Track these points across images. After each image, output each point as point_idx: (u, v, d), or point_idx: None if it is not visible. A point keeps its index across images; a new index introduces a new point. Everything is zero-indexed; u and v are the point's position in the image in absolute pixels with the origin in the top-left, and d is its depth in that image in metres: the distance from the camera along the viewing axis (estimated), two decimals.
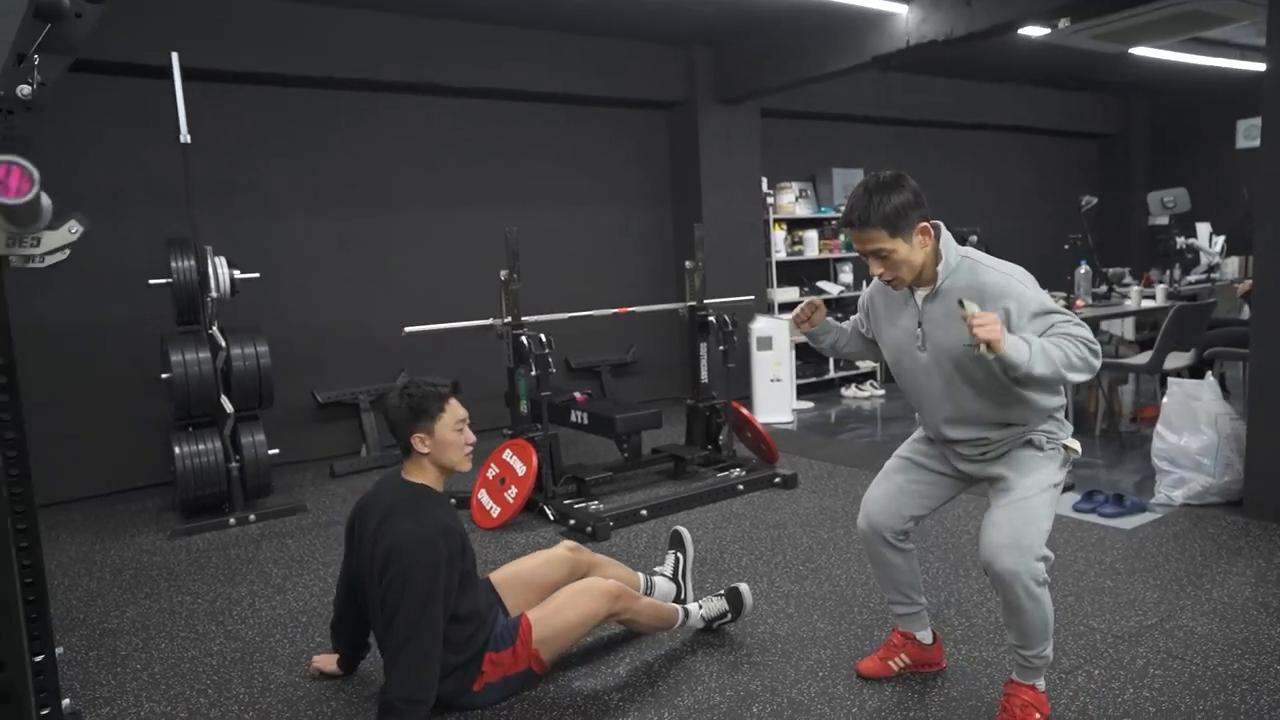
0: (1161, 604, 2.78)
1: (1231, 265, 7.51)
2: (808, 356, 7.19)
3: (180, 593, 3.31)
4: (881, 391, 6.98)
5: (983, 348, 1.78)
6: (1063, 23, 4.32)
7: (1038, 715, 2.06)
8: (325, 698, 2.43)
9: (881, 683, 2.37)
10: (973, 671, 2.40)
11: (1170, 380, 3.95)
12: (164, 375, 4.16)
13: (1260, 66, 7.41)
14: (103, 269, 4.64)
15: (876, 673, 2.39)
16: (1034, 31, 5.38)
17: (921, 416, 2.24)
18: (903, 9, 4.81)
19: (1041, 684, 2.11)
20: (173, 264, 4.13)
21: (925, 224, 1.97)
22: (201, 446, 4.17)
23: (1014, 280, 1.97)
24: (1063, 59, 7.13)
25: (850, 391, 7.05)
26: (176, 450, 4.10)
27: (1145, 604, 2.79)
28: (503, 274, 4.11)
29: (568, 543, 2.64)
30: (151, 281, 4.16)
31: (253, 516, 4.21)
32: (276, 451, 4.39)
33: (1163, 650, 2.47)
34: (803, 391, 6.85)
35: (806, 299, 2.38)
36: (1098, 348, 1.88)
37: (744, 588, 2.70)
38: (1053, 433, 2.08)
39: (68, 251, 1.50)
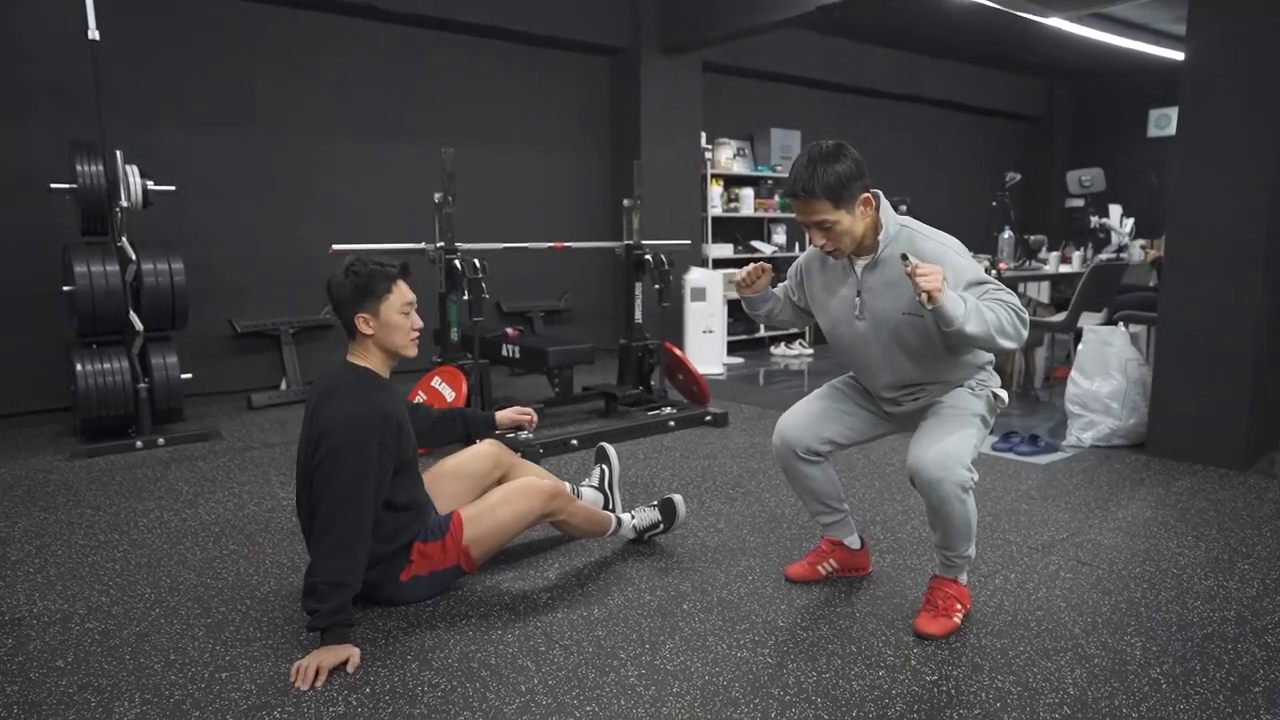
0: (1072, 522, 2.91)
1: (1137, 247, 7.90)
2: (739, 314, 7.25)
3: (80, 506, 3.11)
4: (810, 351, 7.10)
5: (924, 297, 1.80)
6: None
7: (959, 605, 2.13)
8: (239, 596, 2.33)
9: (810, 584, 2.40)
10: (897, 576, 2.46)
11: (1086, 329, 4.12)
12: (66, 288, 3.90)
13: (1173, 54, 7.80)
14: None
15: (805, 576, 2.42)
16: None
17: (862, 380, 2.27)
18: None
19: (964, 579, 2.18)
20: (78, 168, 3.85)
21: (867, 194, 1.98)
22: (107, 365, 3.92)
23: (949, 250, 2.00)
24: (991, 33, 7.32)
25: (780, 350, 7.15)
26: (79, 367, 3.86)
27: (1057, 522, 2.91)
28: (437, 196, 3.98)
29: (491, 440, 2.58)
30: (54, 185, 3.87)
31: (161, 440, 3.99)
32: (189, 377, 4.18)
33: (1072, 558, 2.58)
34: (733, 348, 6.90)
35: (755, 263, 2.29)
36: (1026, 317, 1.92)
37: (677, 498, 2.70)
38: (984, 380, 2.15)
39: None
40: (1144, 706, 1.77)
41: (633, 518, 2.66)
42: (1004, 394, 2.14)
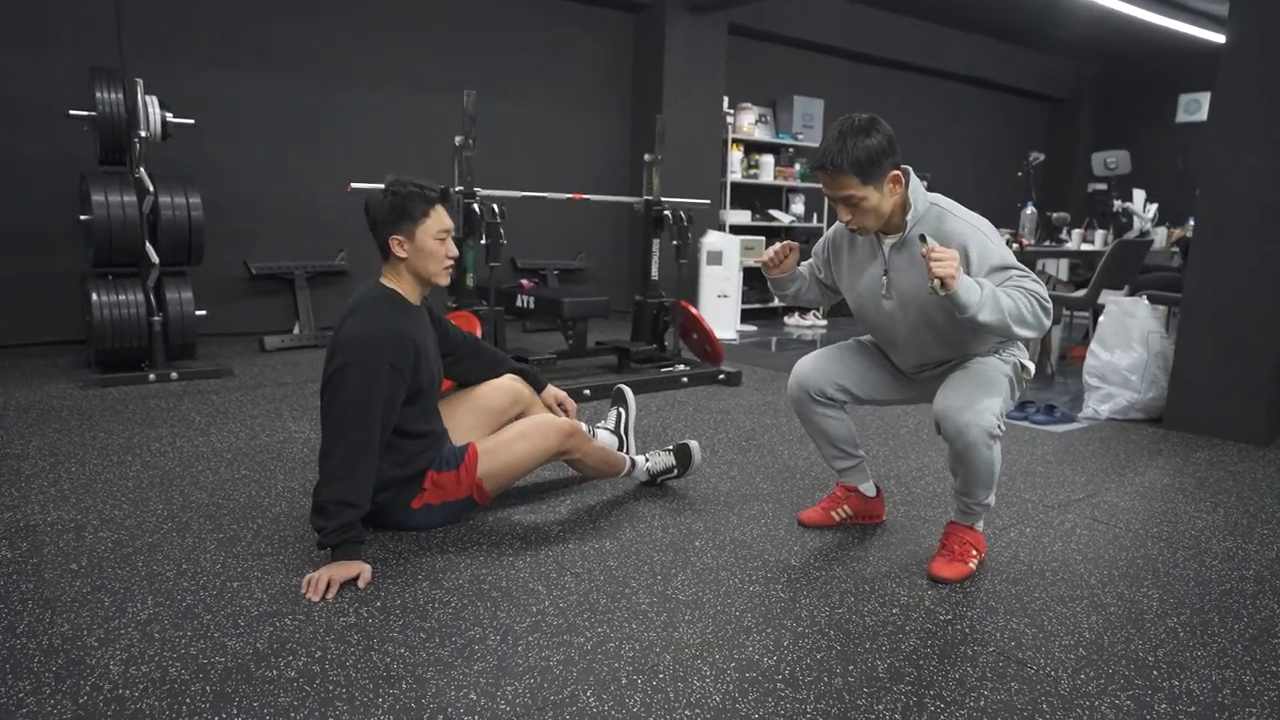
0: (1088, 485, 2.88)
1: (1161, 233, 7.81)
2: (754, 281, 7.20)
3: (93, 430, 3.11)
4: (824, 323, 7.05)
5: (936, 284, 1.76)
6: None
7: (975, 552, 2.11)
8: (251, 515, 2.32)
9: (824, 529, 2.38)
10: (912, 526, 2.44)
11: (1108, 301, 4.07)
12: (83, 217, 3.88)
13: (1209, 35, 7.65)
14: (16, 99, 4.28)
15: (818, 521, 2.40)
16: None
17: (888, 357, 2.25)
18: None
19: (981, 526, 2.16)
20: (97, 95, 3.82)
21: (896, 172, 1.93)
22: (122, 297, 3.92)
23: (978, 230, 1.96)
24: (1022, 6, 7.18)
25: (794, 319, 7.10)
26: (94, 298, 3.85)
27: (1073, 484, 2.88)
28: (457, 139, 3.94)
29: (514, 376, 2.56)
30: (72, 112, 3.85)
31: (174, 375, 3.99)
32: (204, 313, 4.18)
33: (1088, 517, 2.56)
34: (746, 316, 6.86)
35: (782, 243, 2.22)
36: (1049, 306, 1.88)
37: (694, 444, 2.68)
38: (1011, 351, 2.10)
39: None
40: (1160, 651, 1.75)
41: (646, 460, 2.64)
42: (1031, 365, 2.10)
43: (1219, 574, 2.16)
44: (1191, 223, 5.29)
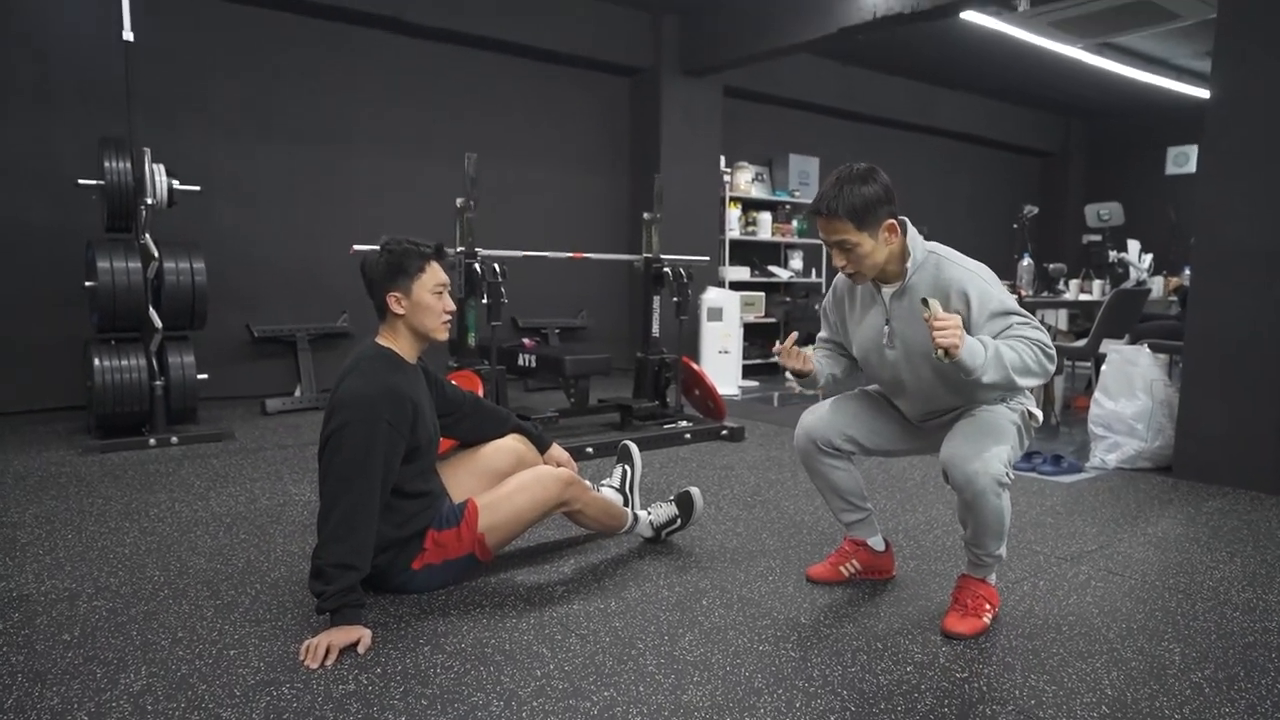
0: (1100, 536, 2.83)
1: (1158, 283, 7.86)
2: (754, 337, 7.22)
3: (91, 496, 3.08)
4: None
5: (940, 353, 1.78)
6: (1023, 4, 4.44)
7: (988, 606, 2.06)
8: (249, 580, 2.28)
9: (832, 586, 2.33)
10: (923, 580, 2.39)
11: (1110, 349, 4.07)
12: (88, 283, 3.91)
13: (1194, 90, 7.83)
14: (26, 168, 4.37)
15: (826, 577, 2.35)
16: (991, 22, 5.54)
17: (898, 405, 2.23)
18: None
19: (993, 579, 2.11)
20: (106, 164, 3.90)
21: (892, 221, 1.95)
22: (124, 362, 3.93)
23: (977, 277, 1.98)
24: (1009, 67, 7.37)
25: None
26: (96, 363, 3.86)
27: (1085, 535, 2.83)
28: (459, 201, 4.00)
29: (515, 435, 2.54)
30: (81, 181, 3.92)
31: (175, 439, 3.97)
32: (205, 377, 4.18)
33: (1103, 568, 2.51)
34: (747, 372, 6.86)
35: (785, 349, 2.08)
36: (1053, 353, 1.89)
37: (694, 491, 2.65)
38: (1019, 400, 2.08)
39: None
40: (1187, 709, 1.70)
41: (649, 514, 2.61)
42: (1039, 412, 2.08)
43: (1241, 626, 2.11)
44: (1188, 271, 5.33)
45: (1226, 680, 1.82)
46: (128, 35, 3.87)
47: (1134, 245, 7.71)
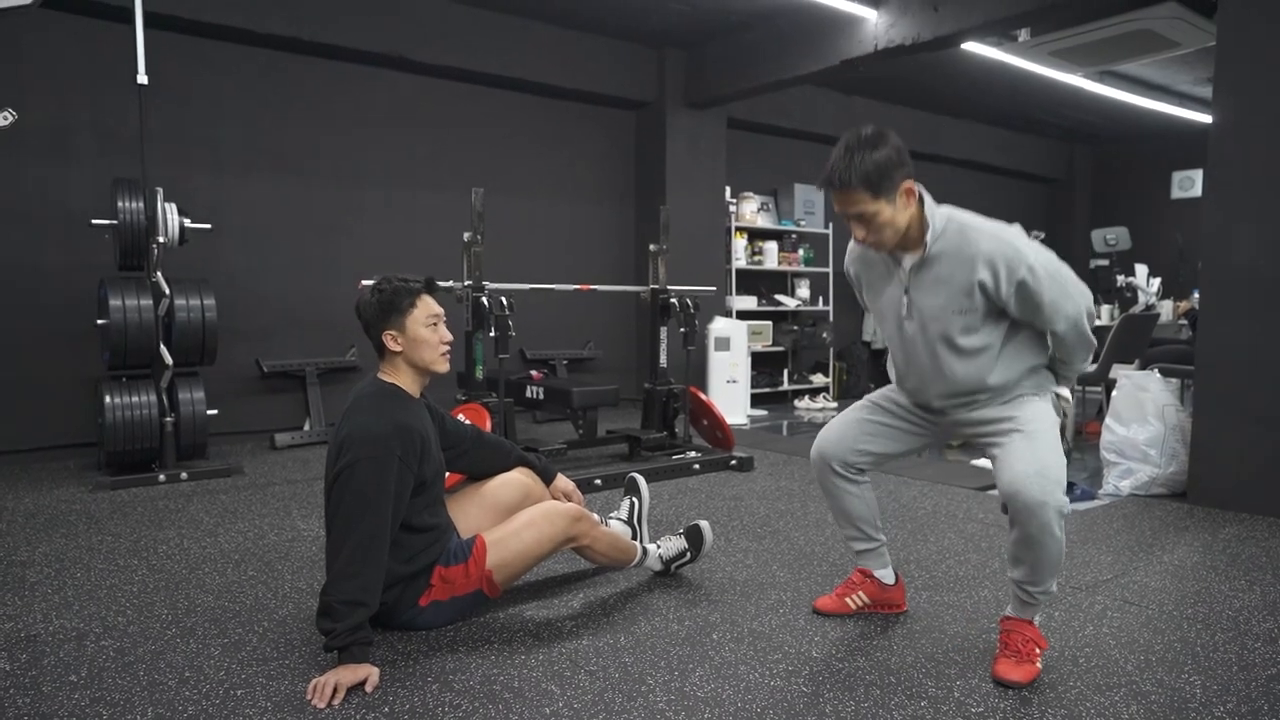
0: (1115, 565, 2.79)
1: (1166, 306, 7.84)
2: (762, 366, 7.22)
3: (100, 534, 3.09)
4: (835, 404, 7.02)
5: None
6: (1023, 35, 4.49)
7: (1038, 650, 1.95)
8: (257, 618, 2.27)
9: (844, 618, 2.30)
10: (935, 612, 2.36)
11: (1120, 375, 4.04)
12: (100, 321, 3.95)
13: (1197, 116, 7.86)
14: (41, 209, 4.43)
15: (833, 609, 2.32)
16: (993, 52, 5.60)
17: (913, 386, 2.13)
18: (872, 14, 4.96)
19: (1038, 620, 2.00)
20: (119, 204, 3.95)
21: (909, 183, 1.86)
22: (135, 399, 3.95)
23: (1004, 243, 1.89)
24: (1012, 95, 7.42)
25: (804, 403, 7.08)
26: (107, 400, 3.88)
27: (1100, 564, 2.79)
28: (466, 235, 4.03)
29: (523, 468, 2.53)
30: (94, 221, 3.97)
31: (184, 475, 3.98)
32: (215, 413, 4.19)
33: (1119, 598, 2.47)
34: (756, 401, 6.85)
35: None
36: (1092, 310, 1.96)
37: (704, 524, 2.63)
38: (1041, 383, 2.03)
39: None
40: None
41: (658, 548, 2.59)
42: (1066, 393, 2.04)
43: (1263, 657, 2.07)
44: (1196, 295, 5.31)
45: (1250, 714, 1.78)
46: (142, 79, 3.94)
47: (1142, 269, 7.71)
